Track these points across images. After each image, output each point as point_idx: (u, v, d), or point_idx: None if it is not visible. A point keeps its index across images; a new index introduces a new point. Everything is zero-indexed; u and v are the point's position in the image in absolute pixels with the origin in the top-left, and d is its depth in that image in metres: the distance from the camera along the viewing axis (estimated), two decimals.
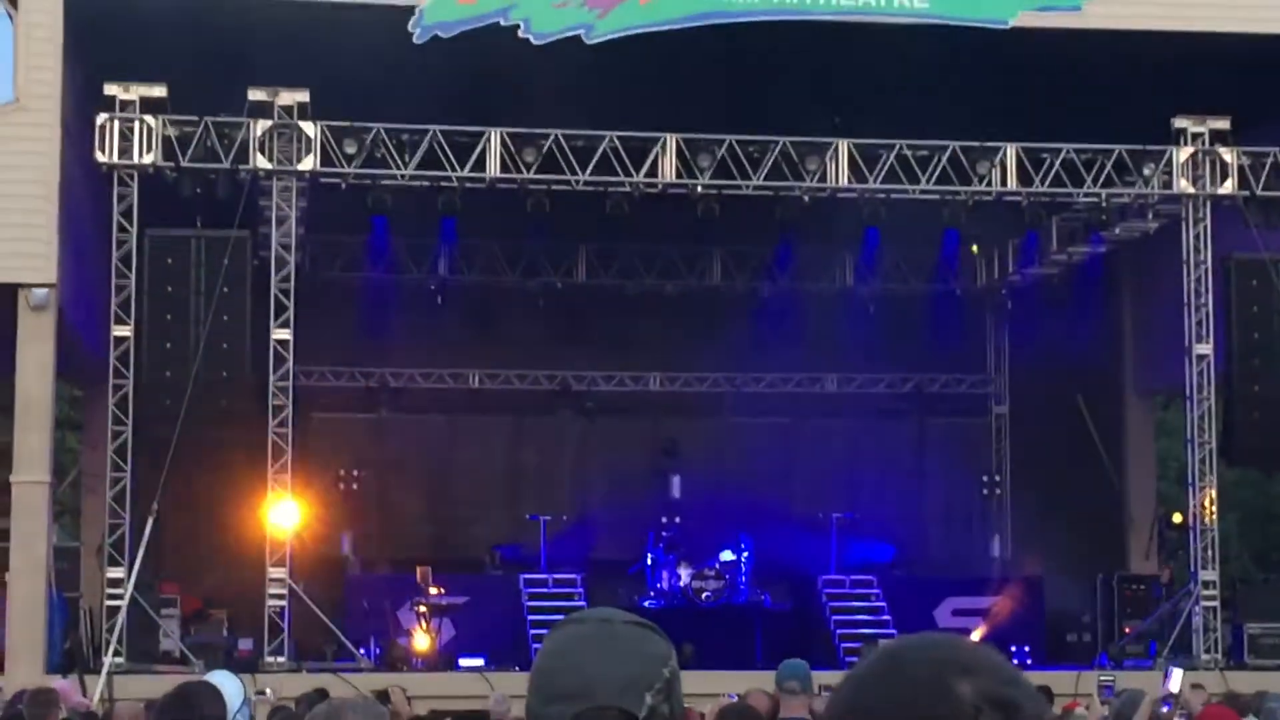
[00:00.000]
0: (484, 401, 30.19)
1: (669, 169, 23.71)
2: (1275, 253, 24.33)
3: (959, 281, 30.00)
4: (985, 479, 30.91)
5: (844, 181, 23.96)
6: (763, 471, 29.49)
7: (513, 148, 23.37)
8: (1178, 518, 27.02)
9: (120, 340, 22.48)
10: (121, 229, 22.58)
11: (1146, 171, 24.37)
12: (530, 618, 25.17)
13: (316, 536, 26.30)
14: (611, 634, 2.73)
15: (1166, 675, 9.72)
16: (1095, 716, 10.18)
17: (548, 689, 2.68)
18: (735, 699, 9.92)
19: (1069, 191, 24.61)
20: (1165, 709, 10.48)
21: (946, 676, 2.11)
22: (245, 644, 23.15)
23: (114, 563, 21.96)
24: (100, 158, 22.49)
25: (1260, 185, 24.31)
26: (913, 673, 2.13)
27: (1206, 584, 23.87)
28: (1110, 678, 10.95)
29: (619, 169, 23.57)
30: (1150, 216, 25.66)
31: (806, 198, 24.12)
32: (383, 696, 14.75)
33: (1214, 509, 24.41)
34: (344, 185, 23.38)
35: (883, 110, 22.74)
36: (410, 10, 22.33)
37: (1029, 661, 25.12)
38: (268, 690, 16.13)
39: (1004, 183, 24.22)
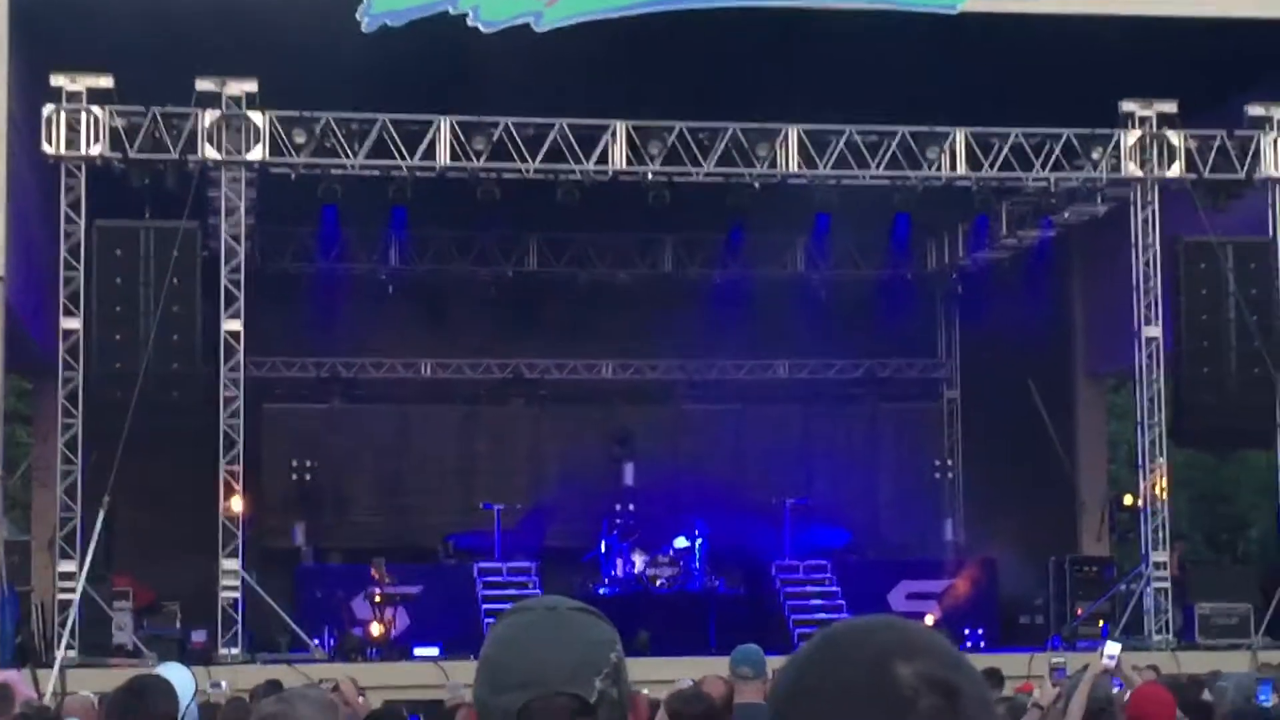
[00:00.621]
0: (437, 391, 30.16)
1: (619, 156, 23.70)
2: (1223, 235, 24.47)
3: (910, 266, 30.08)
4: (937, 463, 31.03)
5: (794, 168, 23.99)
6: (716, 458, 29.55)
7: (463, 136, 23.33)
8: (1129, 500, 27.17)
9: (69, 333, 22.36)
10: (69, 220, 22.45)
11: (1095, 155, 24.47)
12: (485, 606, 25.16)
13: (269, 528, 26.22)
14: (559, 621, 2.74)
15: (1103, 652, 9.76)
16: (1047, 698, 10.23)
17: (498, 678, 2.69)
18: (690, 684, 9.94)
19: (1018, 176, 24.70)
20: (1117, 687, 10.52)
21: (887, 659, 2.10)
22: (199, 636, 23.06)
23: (65, 556, 21.85)
24: (47, 149, 22.35)
25: (1207, 168, 24.44)
26: (854, 655, 2.13)
27: (1157, 565, 24.02)
28: (1062, 659, 10.99)
29: (569, 157, 23.55)
30: (1099, 200, 25.78)
31: (757, 184, 24.14)
32: (332, 687, 14.73)
33: (1165, 490, 24.56)
34: (293, 175, 23.30)
35: (833, 96, 22.76)
36: None
37: (982, 644, 25.24)
38: (222, 683, 16.09)
39: (953, 167, 24.30)
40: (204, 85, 22.54)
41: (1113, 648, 9.71)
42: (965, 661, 2.16)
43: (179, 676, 6.18)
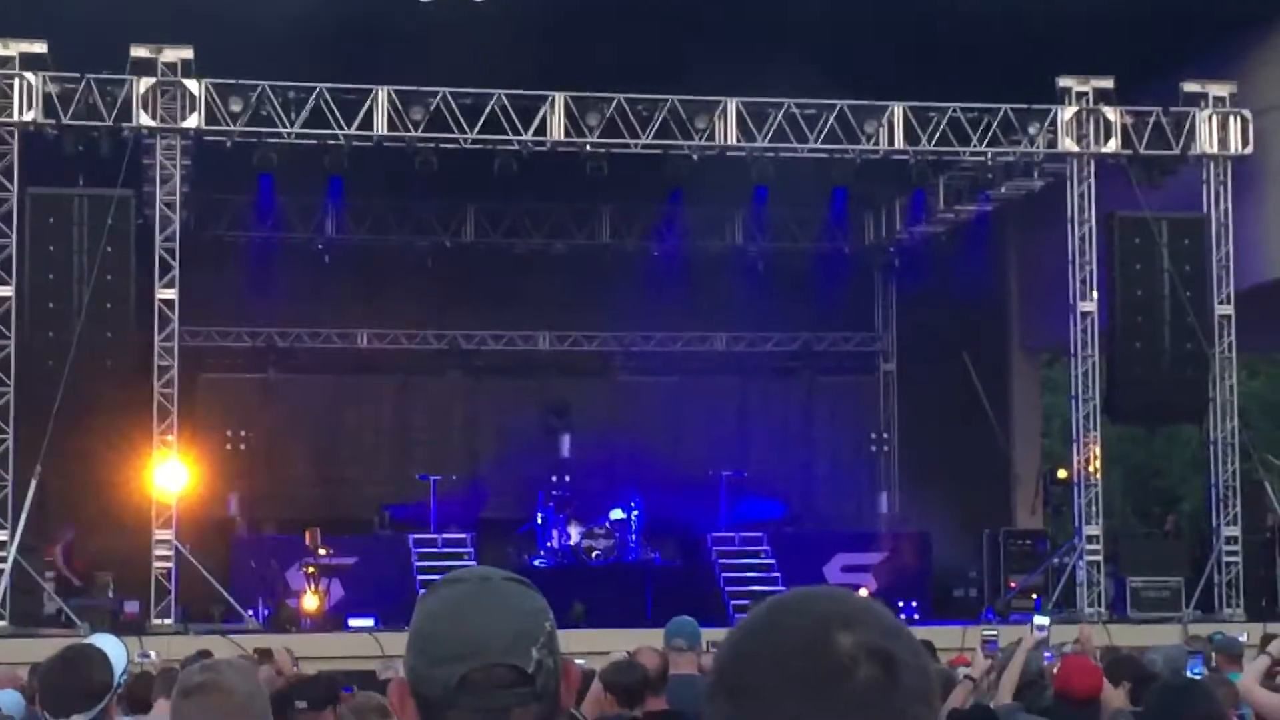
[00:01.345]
0: (372, 361, 30.05)
1: (557, 127, 23.66)
2: (1158, 211, 24.62)
3: (847, 240, 30.13)
4: (873, 436, 31.11)
5: (733, 140, 24.01)
6: (652, 430, 29.55)
7: (400, 106, 23.24)
8: (1062, 473, 27.34)
9: (1, 300, 22.19)
10: (2, 188, 22.27)
11: (1032, 130, 24.58)
12: (420, 578, 25.10)
13: (203, 498, 26.09)
14: (492, 591, 2.73)
15: (1033, 625, 9.83)
16: (979, 670, 10.28)
17: (433, 650, 2.67)
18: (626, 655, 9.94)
19: (955, 150, 24.78)
20: (1048, 660, 10.59)
21: (826, 628, 2.11)
22: (131, 606, 22.94)
23: None
24: None
25: (1143, 144, 24.59)
26: (794, 623, 2.14)
27: (1090, 538, 24.19)
28: (994, 632, 11.03)
29: (507, 127, 23.50)
30: (1035, 175, 25.91)
31: (695, 156, 24.15)
32: (266, 655, 14.69)
33: (1098, 464, 24.72)
34: (229, 144, 23.17)
35: (771, 69, 22.76)
36: None
37: (916, 617, 25.36)
38: (151, 653, 16.00)
39: (891, 142, 24.36)
40: (139, 52, 22.38)
41: (1041, 620, 9.78)
42: (905, 631, 2.17)
43: (111, 647, 6.13)
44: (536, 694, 2.68)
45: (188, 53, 22.51)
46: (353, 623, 23.40)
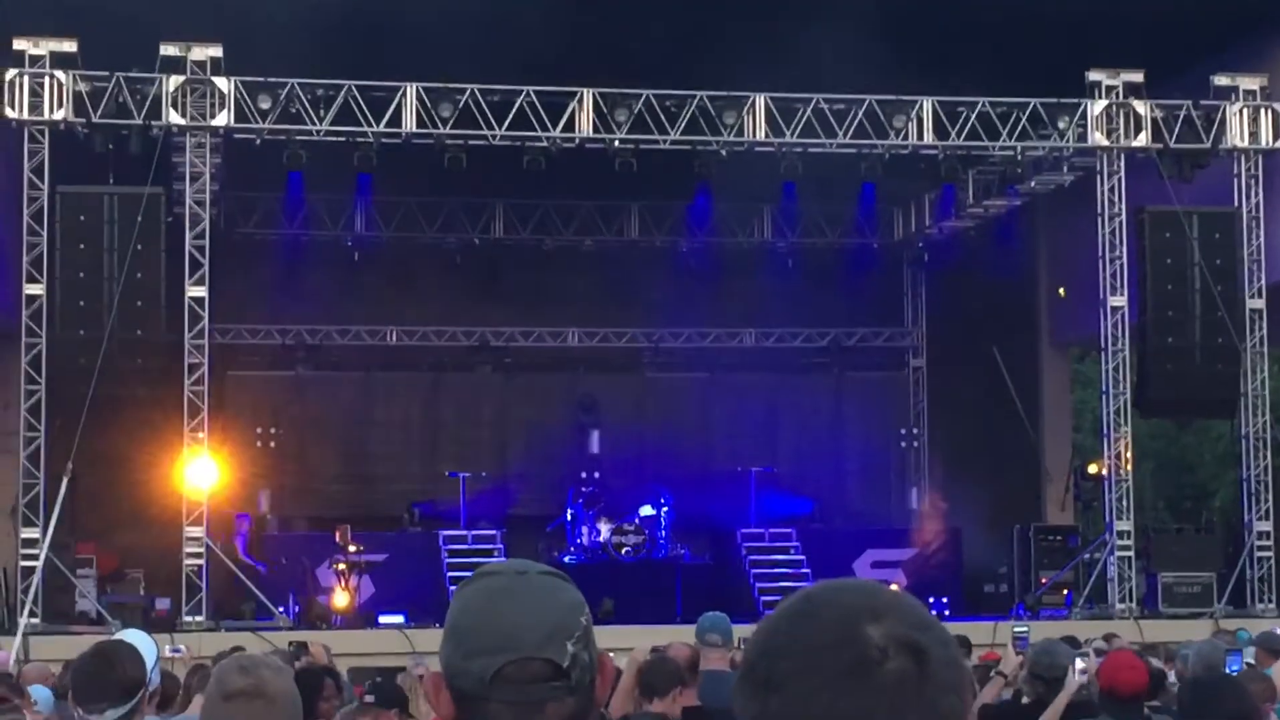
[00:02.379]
0: (402, 358, 30.08)
1: (586, 123, 23.65)
2: (1188, 205, 24.53)
3: (876, 235, 30.09)
4: (903, 432, 31.08)
5: (761, 135, 23.97)
6: (682, 426, 29.56)
7: (429, 103, 23.25)
8: (1093, 468, 27.25)
9: (33, 299, 22.26)
10: (33, 186, 22.33)
11: (1061, 124, 24.50)
12: (450, 574, 25.14)
13: (233, 495, 26.15)
14: (528, 585, 2.73)
15: (1073, 666, 9.72)
16: (1010, 666, 10.24)
17: (469, 643, 2.67)
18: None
19: (984, 145, 24.71)
20: (1024, 643, 10.48)
21: (857, 619, 2.11)
22: (163, 603, 23.01)
23: (29, 523, 21.80)
24: (10, 114, 22.22)
25: (1173, 138, 24.49)
26: (824, 614, 2.13)
27: (1121, 534, 24.12)
28: (1025, 628, 11.00)
29: (536, 124, 23.49)
30: (1065, 169, 25.83)
31: (724, 152, 24.12)
32: (302, 648, 14.72)
33: (1129, 460, 24.65)
34: (258, 141, 23.20)
35: (799, 64, 22.72)
36: None
37: (947, 612, 25.29)
38: (182, 647, 16.05)
39: (920, 136, 24.31)
40: (169, 50, 22.41)
41: (1081, 663, 9.69)
42: (935, 623, 2.17)
43: (141, 643, 6.14)
44: (571, 688, 2.67)
45: (217, 50, 22.55)
46: (383, 619, 23.43)
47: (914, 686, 2.09)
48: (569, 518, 26.78)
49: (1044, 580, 25.79)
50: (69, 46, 22.16)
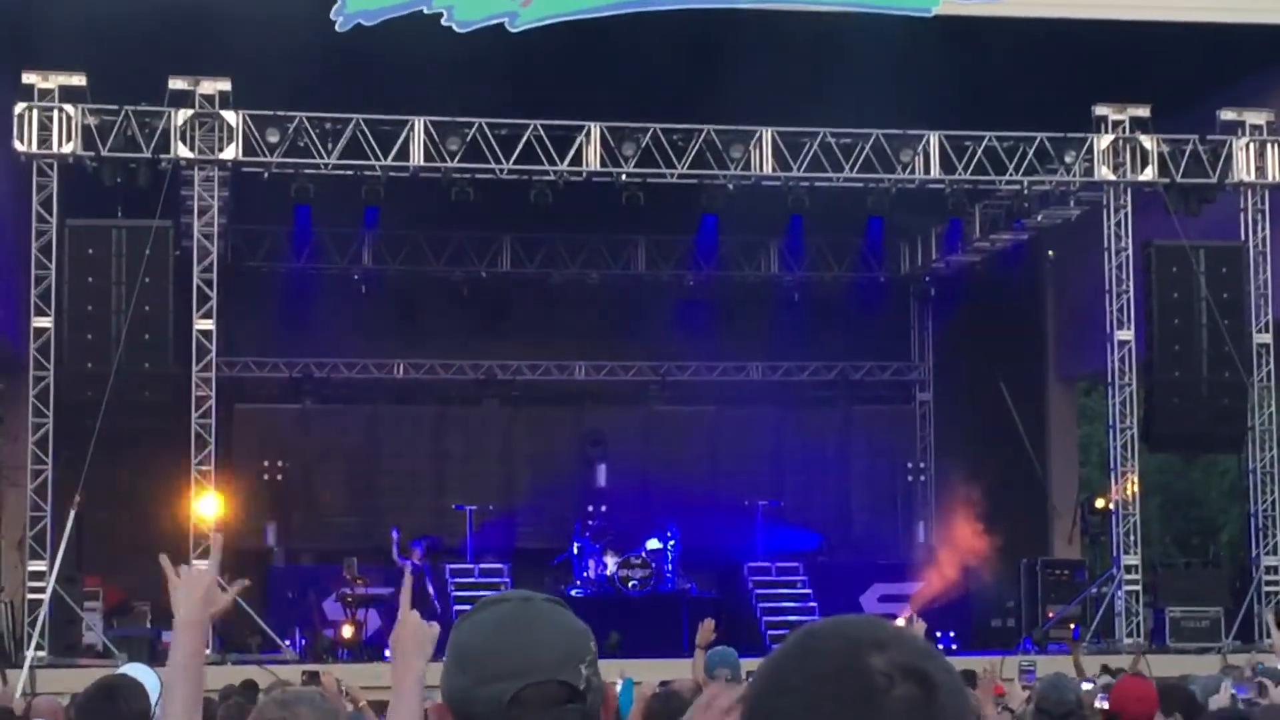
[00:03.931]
0: (409, 391, 30.09)
1: (593, 157, 23.69)
2: (1195, 239, 24.54)
3: (883, 269, 30.10)
4: (910, 465, 31.04)
5: (768, 169, 24.01)
6: (689, 459, 29.54)
7: (436, 136, 23.30)
8: (1100, 503, 27.22)
9: (41, 331, 22.29)
10: (41, 219, 22.37)
11: (1068, 159, 24.53)
12: (456, 608, 25.11)
13: (240, 528, 26.13)
14: (538, 611, 2.74)
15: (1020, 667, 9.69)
16: (1017, 701, 10.23)
17: (482, 668, 2.68)
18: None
19: (991, 179, 24.75)
20: (1030, 679, 10.48)
21: (859, 650, 2.13)
22: (169, 636, 22.94)
23: (35, 556, 21.78)
24: (19, 147, 22.28)
25: (1180, 172, 24.51)
26: (827, 647, 2.15)
27: (1128, 568, 24.07)
28: (1031, 662, 11.01)
29: (543, 157, 23.54)
30: (1072, 203, 25.85)
31: (731, 185, 24.16)
32: (313, 679, 14.71)
33: (1136, 494, 24.61)
34: (266, 174, 23.25)
35: (807, 98, 22.77)
36: None
37: (954, 647, 25.26)
38: None
39: (927, 170, 24.33)
40: (177, 84, 22.48)
41: (1027, 661, 9.64)
42: (937, 652, 2.19)
43: (146, 676, 6.15)
44: (585, 711, 2.68)
45: (225, 84, 22.61)
46: (389, 653, 23.34)
47: (922, 713, 2.09)
48: (575, 551, 26.75)
49: (1051, 614, 25.74)
50: (78, 80, 22.22)
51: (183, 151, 22.65)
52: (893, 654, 2.12)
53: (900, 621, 25.63)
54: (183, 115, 22.59)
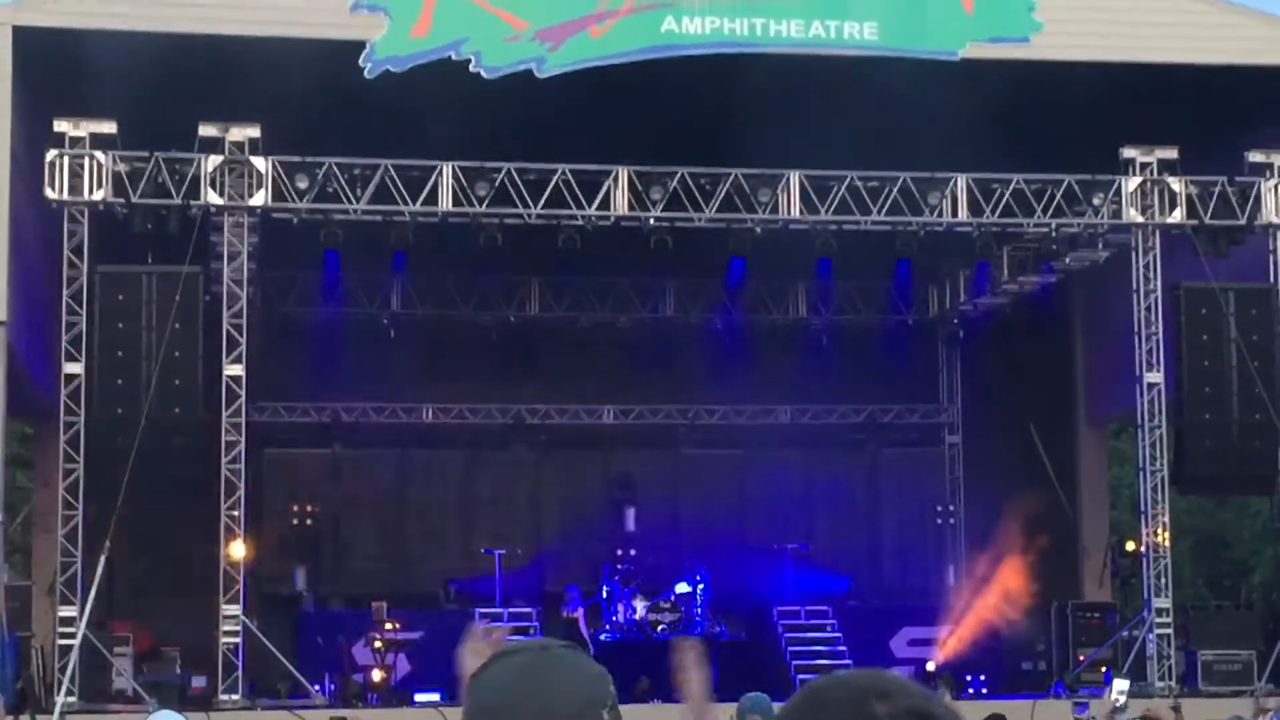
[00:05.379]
0: (437, 435, 30.13)
1: (621, 201, 23.73)
2: (1224, 281, 24.49)
3: (911, 312, 30.10)
4: (939, 508, 30.97)
5: (796, 213, 24.03)
6: (717, 503, 29.51)
7: (464, 181, 23.37)
8: (1131, 545, 27.11)
9: (71, 377, 22.36)
10: (72, 265, 22.47)
11: (1096, 201, 24.51)
12: None
13: (269, 573, 26.17)
14: (555, 659, 2.74)
15: (1109, 686, 9.71)
16: None
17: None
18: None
19: (1019, 221, 24.73)
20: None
21: (864, 698, 2.25)
22: (199, 681, 23.00)
23: (66, 601, 21.81)
24: (50, 194, 22.38)
25: (1208, 214, 24.47)
26: (834, 697, 2.28)
27: (1160, 611, 23.97)
28: (1084, 700, 10.97)
29: (571, 202, 23.59)
30: (1100, 246, 25.81)
31: (759, 229, 24.18)
32: None
33: (1166, 536, 24.51)
34: (296, 220, 23.33)
35: (835, 142, 22.81)
36: (361, 45, 22.32)
37: (984, 690, 25.16)
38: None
39: (955, 213, 24.33)
40: (207, 130, 22.59)
41: (1121, 684, 9.66)
42: (939, 700, 2.32)
43: None
44: None
45: (255, 131, 22.71)
46: (419, 697, 23.37)
47: None
48: (604, 594, 26.72)
49: (1082, 658, 25.63)
50: (108, 128, 22.33)
51: (213, 198, 22.74)
52: (897, 700, 2.24)
53: (930, 666, 25.56)
54: (213, 161, 22.69)
